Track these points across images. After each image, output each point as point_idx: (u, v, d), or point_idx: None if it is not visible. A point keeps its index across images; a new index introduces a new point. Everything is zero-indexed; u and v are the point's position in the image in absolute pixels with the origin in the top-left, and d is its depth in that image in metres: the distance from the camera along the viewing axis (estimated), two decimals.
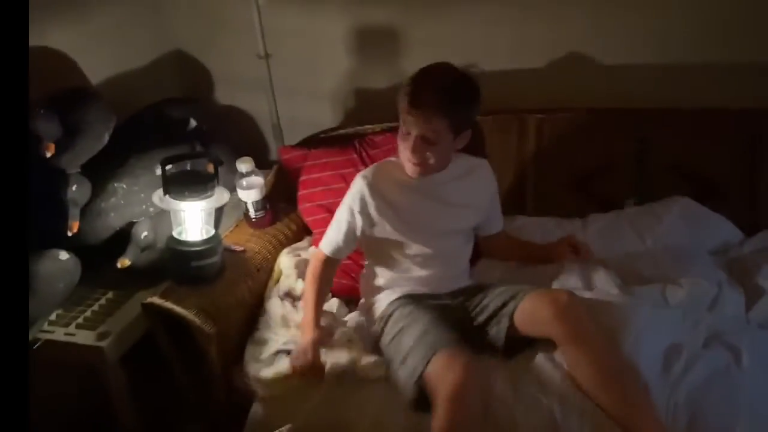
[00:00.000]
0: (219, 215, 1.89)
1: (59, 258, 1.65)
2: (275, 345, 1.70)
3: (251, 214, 1.98)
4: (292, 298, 1.82)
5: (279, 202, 2.08)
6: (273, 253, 1.93)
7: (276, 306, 1.79)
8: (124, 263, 1.76)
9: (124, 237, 1.81)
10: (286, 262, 1.90)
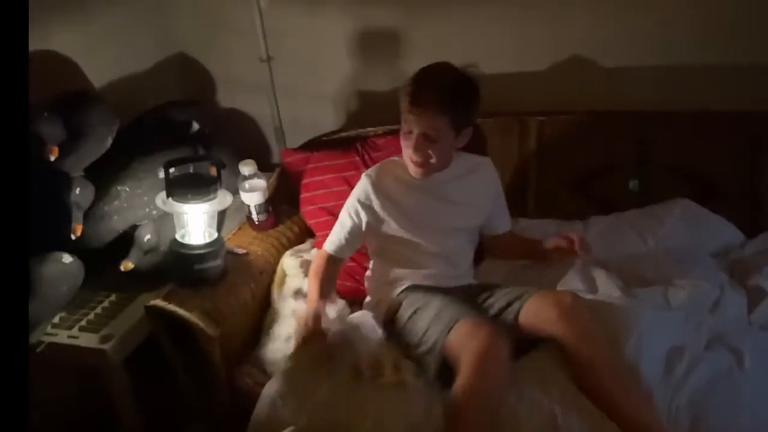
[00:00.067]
0: (222, 218, 1.89)
1: (62, 261, 1.65)
2: (287, 329, 1.71)
3: (254, 216, 1.98)
4: (302, 296, 1.81)
5: (281, 204, 2.08)
6: (276, 256, 1.93)
7: (289, 304, 1.79)
8: (127, 266, 1.76)
9: (127, 240, 1.81)
10: (290, 263, 1.91)
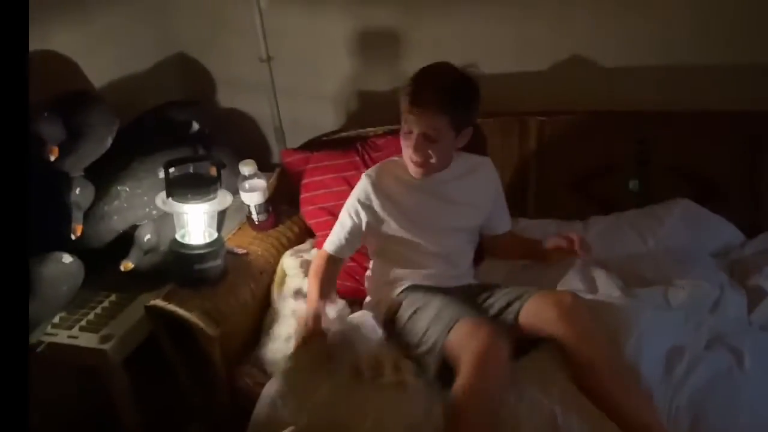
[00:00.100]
0: (222, 218, 1.89)
1: (62, 261, 1.65)
2: (287, 329, 1.71)
3: (254, 216, 1.98)
4: (302, 296, 1.81)
5: (281, 204, 2.08)
6: (276, 256, 1.93)
7: (289, 304, 1.79)
8: (127, 266, 1.76)
9: (127, 240, 1.81)
10: (290, 263, 1.90)
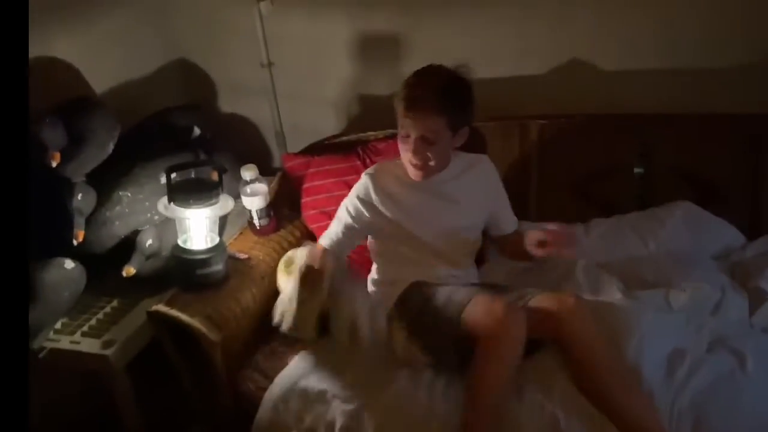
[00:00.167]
0: (223, 223, 1.89)
1: (64, 267, 1.65)
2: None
3: (255, 221, 1.98)
4: None
5: (283, 209, 2.08)
6: (277, 261, 1.92)
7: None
8: (129, 271, 1.76)
9: (129, 245, 1.81)
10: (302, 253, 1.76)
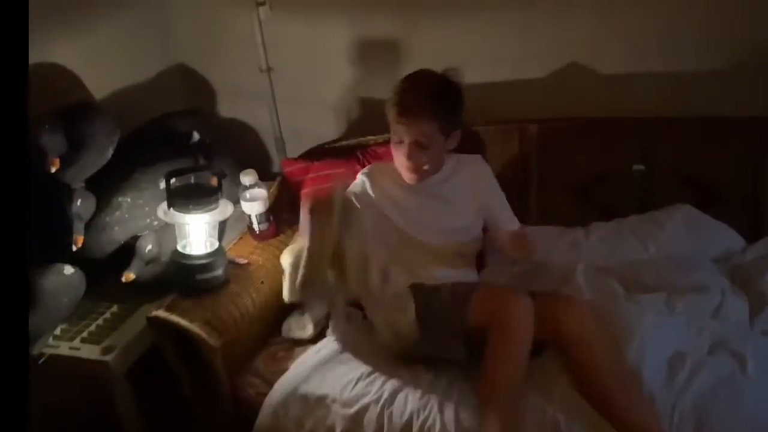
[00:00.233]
0: (223, 228, 1.89)
1: (64, 272, 1.65)
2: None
3: (255, 226, 1.98)
4: None
5: (282, 213, 2.07)
6: (277, 266, 1.92)
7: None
8: (128, 277, 1.76)
9: (128, 251, 1.81)
10: None
